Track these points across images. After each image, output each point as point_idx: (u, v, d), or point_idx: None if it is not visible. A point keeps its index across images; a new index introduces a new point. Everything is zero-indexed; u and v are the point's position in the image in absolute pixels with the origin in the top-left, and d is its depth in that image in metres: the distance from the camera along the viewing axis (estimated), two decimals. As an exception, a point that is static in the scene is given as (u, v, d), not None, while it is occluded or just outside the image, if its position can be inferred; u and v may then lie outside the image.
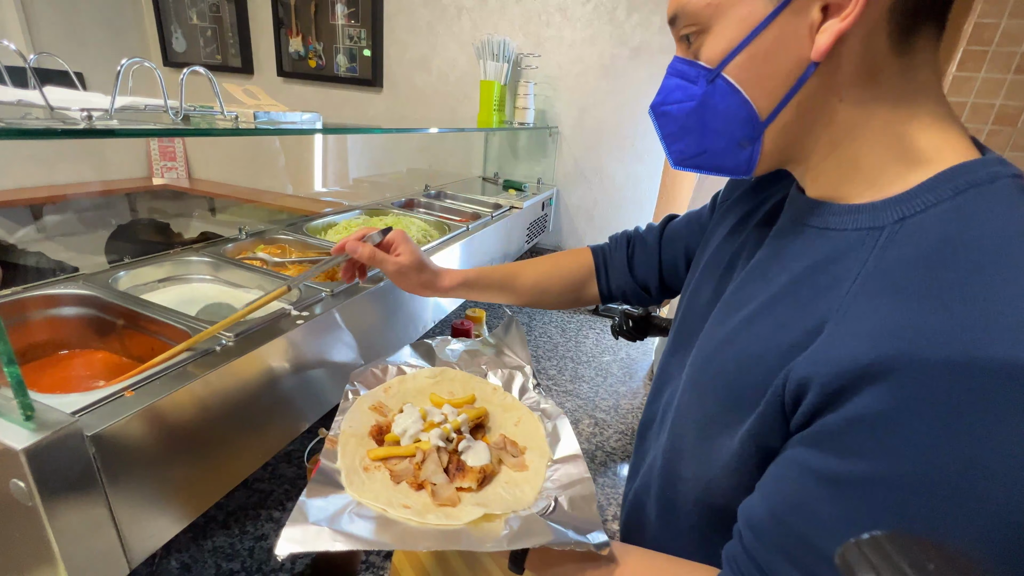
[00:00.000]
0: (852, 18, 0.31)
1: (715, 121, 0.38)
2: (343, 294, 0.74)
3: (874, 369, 0.28)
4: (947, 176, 0.32)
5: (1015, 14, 1.32)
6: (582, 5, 1.69)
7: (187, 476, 0.50)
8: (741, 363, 0.38)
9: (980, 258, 0.29)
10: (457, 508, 0.45)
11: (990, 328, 0.27)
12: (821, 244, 0.36)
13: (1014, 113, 1.39)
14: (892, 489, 0.29)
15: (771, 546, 0.33)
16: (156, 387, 0.47)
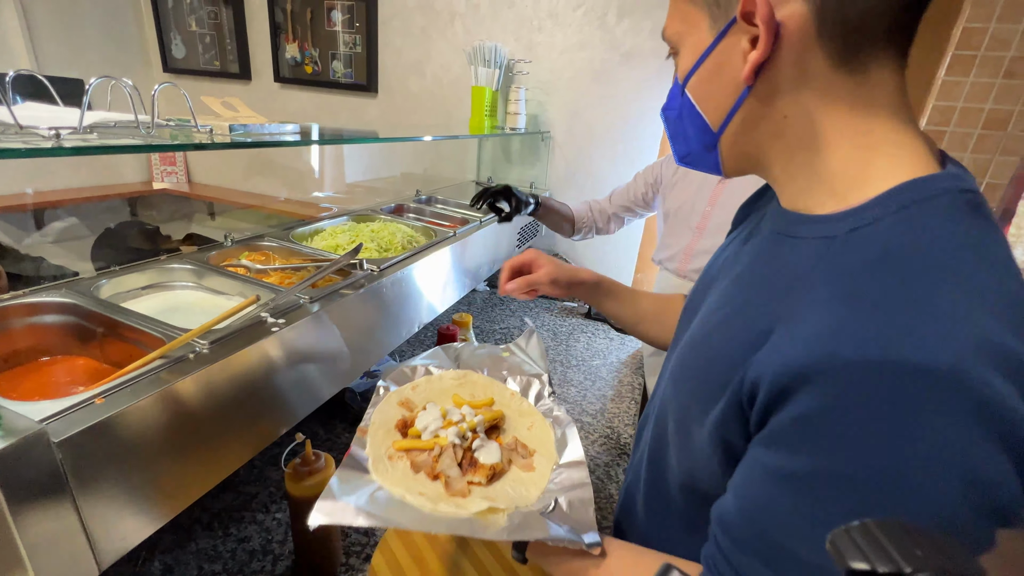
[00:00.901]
0: (763, 50, 0.35)
1: (688, 128, 0.44)
2: (323, 300, 0.76)
3: (808, 371, 0.31)
4: (897, 191, 0.34)
5: (1004, 18, 1.32)
6: (573, 11, 1.70)
7: (158, 480, 0.52)
8: (709, 359, 0.42)
9: (910, 269, 0.31)
10: (467, 499, 0.50)
11: (910, 333, 0.29)
12: (787, 251, 0.40)
13: (1003, 117, 1.39)
14: (835, 482, 0.31)
15: (741, 543, 0.36)
16: (127, 394, 0.48)
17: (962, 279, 0.30)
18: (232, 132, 0.59)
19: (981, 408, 0.28)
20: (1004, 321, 0.29)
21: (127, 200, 2.43)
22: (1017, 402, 0.28)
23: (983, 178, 1.45)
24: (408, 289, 0.99)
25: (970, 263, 0.31)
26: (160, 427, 0.51)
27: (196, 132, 0.56)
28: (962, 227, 0.32)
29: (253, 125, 0.64)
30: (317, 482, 0.70)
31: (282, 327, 0.65)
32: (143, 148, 0.42)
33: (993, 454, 0.28)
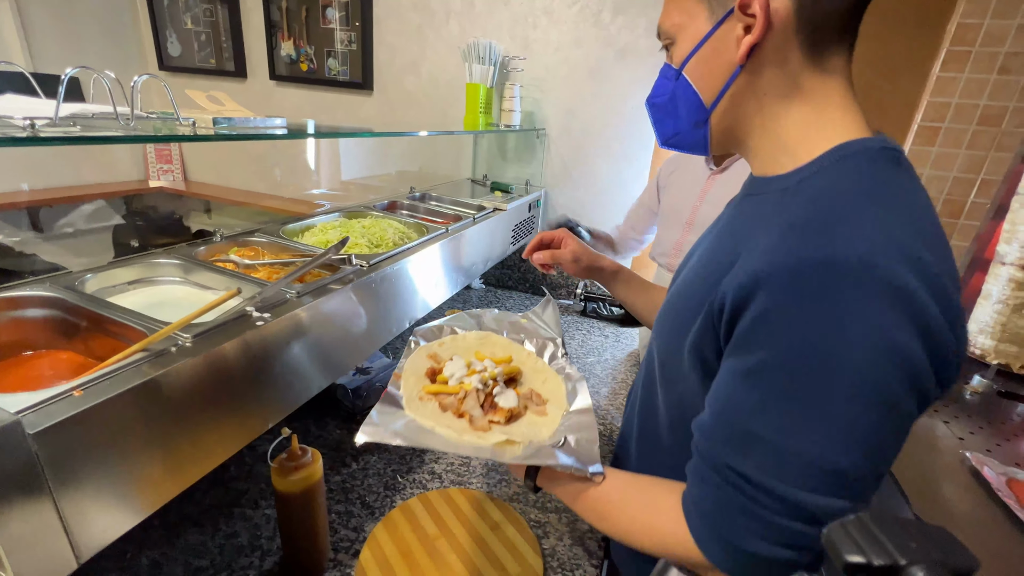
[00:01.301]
0: (757, 33, 0.43)
1: (680, 108, 0.51)
2: (310, 295, 0.75)
3: (761, 277, 0.39)
4: (836, 148, 0.44)
5: (998, 14, 1.32)
6: (568, 8, 1.70)
7: (139, 474, 0.51)
8: (685, 295, 0.50)
9: (839, 198, 0.40)
10: (487, 433, 0.58)
11: (834, 238, 0.37)
12: (753, 206, 0.49)
13: (998, 113, 1.39)
14: (782, 368, 0.38)
15: (716, 440, 0.43)
16: (106, 386, 0.48)
17: (879, 204, 0.38)
18: (216, 125, 0.59)
19: (894, 293, 0.35)
20: (914, 235, 0.37)
21: (123, 198, 2.43)
22: (926, 297, 0.35)
23: (978, 174, 1.45)
24: (399, 285, 0.99)
25: (886, 194, 0.39)
26: (140, 420, 0.50)
27: (179, 125, 0.56)
28: (882, 170, 0.41)
29: (239, 118, 0.64)
30: (303, 476, 0.70)
31: (267, 321, 0.64)
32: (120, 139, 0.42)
33: (906, 331, 0.35)
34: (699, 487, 0.45)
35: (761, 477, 0.40)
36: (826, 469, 0.37)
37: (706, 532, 0.44)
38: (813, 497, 0.38)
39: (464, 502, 0.90)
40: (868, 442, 0.37)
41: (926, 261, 0.36)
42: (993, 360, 1.21)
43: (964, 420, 1.12)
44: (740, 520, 0.41)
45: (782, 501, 0.39)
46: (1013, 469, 0.92)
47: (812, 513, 0.38)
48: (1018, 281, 1.17)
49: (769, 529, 0.40)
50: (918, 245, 0.36)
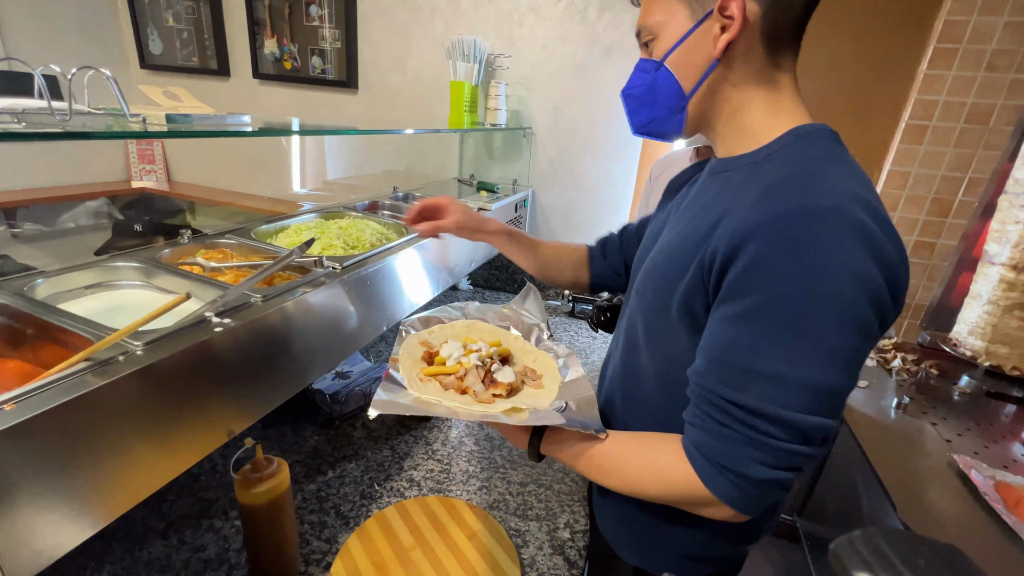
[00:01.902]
0: (735, 31, 0.50)
1: (659, 96, 0.57)
2: (277, 299, 0.72)
3: (750, 229, 0.44)
4: (793, 131, 0.52)
5: (985, 11, 1.31)
6: (553, 5, 1.67)
7: (82, 490, 0.48)
8: (670, 256, 0.56)
9: (806, 163, 0.48)
10: (494, 404, 0.60)
11: (808, 191, 0.44)
12: (724, 180, 0.55)
13: (986, 111, 1.38)
14: (778, 305, 0.43)
15: (712, 381, 0.47)
16: (41, 399, 0.45)
17: (837, 167, 0.47)
18: (170, 122, 0.56)
19: (859, 232, 0.42)
20: (865, 188, 0.45)
21: (106, 199, 2.38)
22: (882, 236, 0.43)
23: (965, 173, 1.44)
24: (376, 287, 0.96)
25: (838, 161, 0.48)
26: (81, 434, 0.47)
27: (129, 122, 0.53)
28: (831, 146, 0.50)
29: (197, 115, 0.61)
30: (269, 488, 0.67)
31: (227, 327, 0.62)
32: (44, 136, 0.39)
33: (871, 264, 0.42)
34: (698, 428, 0.49)
35: (762, 406, 0.44)
36: (821, 390, 0.43)
37: (711, 468, 0.48)
38: (810, 418, 0.43)
39: (442, 511, 0.87)
40: (851, 362, 0.43)
41: (877, 207, 0.44)
42: (985, 362, 1.19)
43: (952, 421, 1.11)
44: (743, 450, 0.46)
45: (783, 425, 0.44)
46: (1002, 472, 0.90)
47: (806, 432, 0.44)
48: (1009, 281, 1.16)
49: (770, 454, 0.45)
50: (868, 195, 0.45)
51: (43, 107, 0.46)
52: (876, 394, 1.19)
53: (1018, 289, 1.16)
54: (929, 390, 1.23)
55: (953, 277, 1.39)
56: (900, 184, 1.49)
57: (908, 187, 1.49)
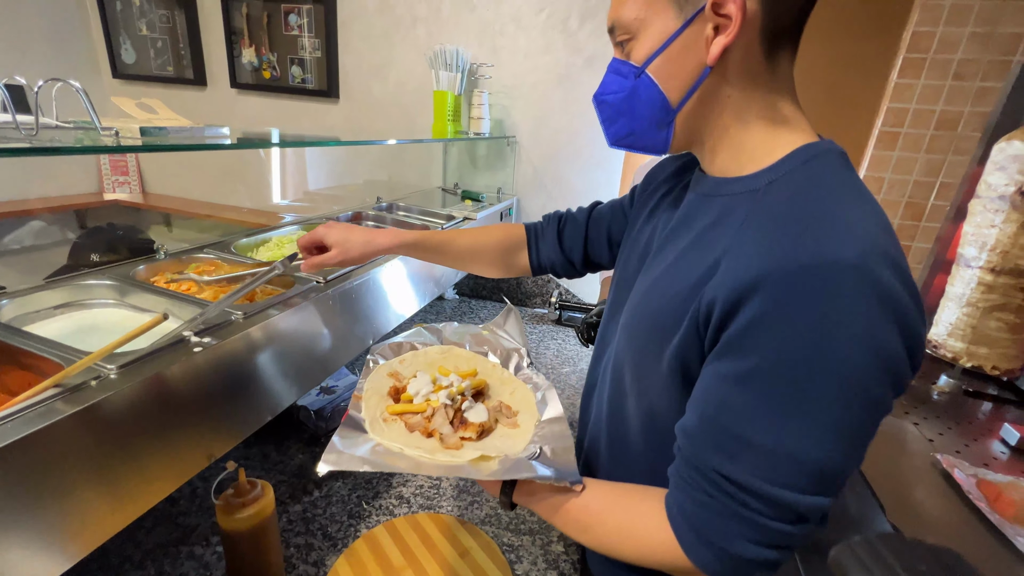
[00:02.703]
0: (733, 34, 0.42)
1: (640, 107, 0.48)
2: (259, 315, 0.70)
3: (755, 282, 0.38)
4: (797, 153, 0.45)
5: (950, 22, 1.35)
6: (535, 15, 1.68)
7: (51, 525, 0.46)
8: (663, 300, 0.49)
9: (817, 200, 0.41)
10: (460, 451, 0.55)
11: (825, 241, 0.37)
12: (718, 206, 0.48)
13: (954, 118, 1.42)
14: (780, 372, 0.38)
15: (702, 444, 0.43)
16: (8, 429, 0.42)
17: (852, 205, 0.40)
18: (144, 135, 0.54)
19: (881, 295, 0.36)
20: (885, 234, 0.39)
21: (75, 212, 2.30)
22: (903, 294, 0.37)
23: (937, 177, 1.48)
24: (361, 300, 0.95)
25: (855, 195, 0.41)
26: (51, 465, 0.45)
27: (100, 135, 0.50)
28: (844, 173, 0.43)
29: (173, 128, 0.59)
30: (253, 513, 0.64)
31: (207, 347, 0.59)
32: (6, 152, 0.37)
33: (892, 332, 0.37)
34: (684, 491, 0.44)
35: (752, 481, 0.40)
36: (819, 469, 0.38)
37: (693, 537, 0.43)
38: (804, 497, 0.39)
39: (433, 528, 0.85)
40: (857, 440, 0.39)
41: (899, 260, 0.38)
42: (967, 363, 1.22)
43: (933, 421, 1.13)
44: (729, 524, 0.41)
45: (774, 504, 0.40)
46: (982, 470, 0.92)
47: (801, 513, 0.40)
48: (988, 284, 1.19)
49: (759, 532, 0.41)
50: (890, 244, 0.38)
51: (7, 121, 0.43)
52: (860, 396, 1.21)
53: (996, 291, 1.19)
54: (910, 390, 1.26)
55: (928, 279, 1.43)
56: (875, 189, 1.53)
57: (883, 192, 1.53)
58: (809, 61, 1.54)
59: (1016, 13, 1.30)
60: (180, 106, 2.28)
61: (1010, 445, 1.03)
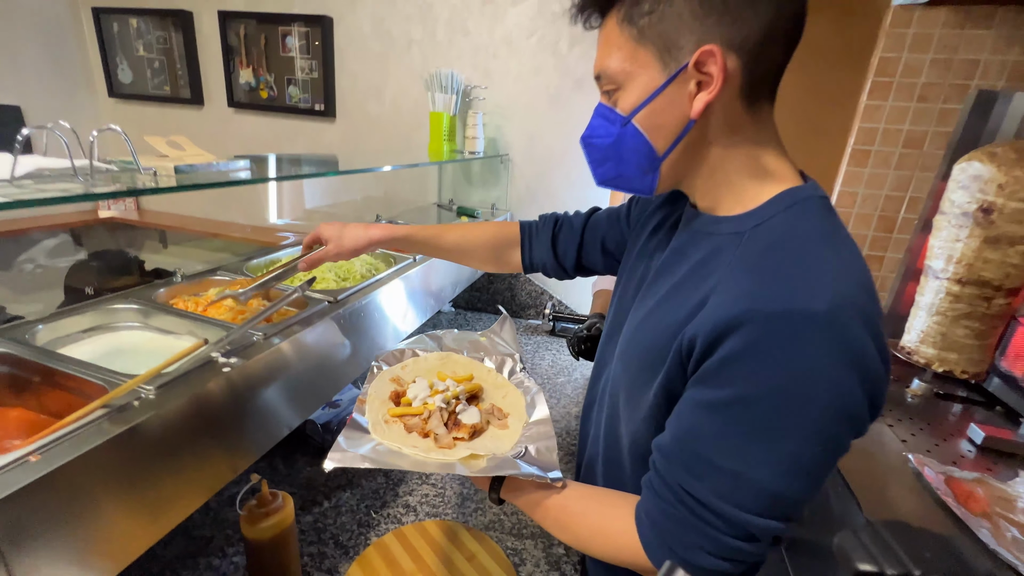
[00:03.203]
0: (715, 92, 0.45)
1: (627, 154, 0.51)
2: (278, 335, 0.75)
3: (735, 322, 0.42)
4: (781, 197, 0.48)
5: (913, 49, 1.45)
6: (527, 39, 1.76)
7: (101, 536, 0.50)
8: (655, 333, 0.52)
9: (796, 249, 0.44)
10: (453, 450, 0.60)
11: (799, 291, 0.41)
12: (707, 244, 0.52)
13: (920, 137, 1.52)
14: (748, 405, 0.42)
15: (673, 460, 0.47)
16: (65, 448, 0.46)
17: (830, 255, 0.43)
18: (178, 173, 0.58)
19: (847, 347, 0.40)
20: (858, 286, 0.42)
21: (70, 231, 2.31)
22: (870, 347, 0.40)
23: (906, 192, 1.58)
24: (368, 318, 0.99)
25: (833, 245, 0.44)
26: (103, 481, 0.49)
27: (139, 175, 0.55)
28: (825, 220, 0.46)
29: (201, 164, 0.63)
30: (275, 523, 0.68)
31: (234, 367, 0.64)
32: (79, 198, 0.41)
33: (855, 384, 0.40)
34: (653, 501, 0.49)
35: (713, 500, 0.44)
36: (775, 495, 0.43)
37: (656, 541, 0.48)
38: (758, 519, 0.43)
39: (440, 534, 0.90)
40: (812, 473, 0.43)
41: (870, 312, 0.41)
42: (939, 368, 1.30)
43: (906, 423, 1.20)
44: (689, 536, 0.46)
45: (729, 522, 0.44)
46: (951, 468, 0.99)
47: (753, 533, 0.44)
48: (955, 294, 1.27)
49: (715, 545, 0.45)
50: (864, 297, 0.42)
51: (66, 167, 0.48)
52: (839, 400, 1.28)
53: (963, 301, 1.27)
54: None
55: (901, 288, 1.52)
56: (850, 203, 1.62)
57: (857, 206, 1.62)
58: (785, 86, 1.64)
59: (972, 41, 1.41)
60: (177, 125, 2.32)
61: (976, 444, 1.10)
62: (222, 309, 0.81)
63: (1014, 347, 1.28)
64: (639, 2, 0.46)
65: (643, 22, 0.46)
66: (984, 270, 1.23)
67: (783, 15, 0.45)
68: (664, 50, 0.46)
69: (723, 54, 0.43)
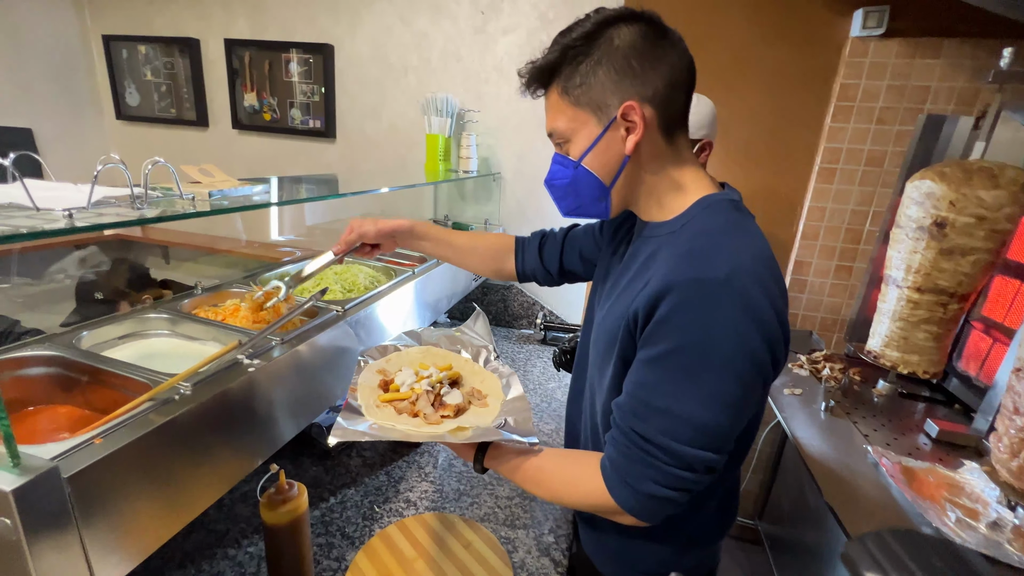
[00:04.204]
0: (640, 133, 0.60)
1: (583, 188, 0.65)
2: (293, 341, 0.83)
3: (663, 292, 0.55)
4: (697, 203, 0.63)
5: (871, 76, 1.59)
6: (516, 65, 1.87)
7: (149, 511, 0.57)
8: (614, 317, 0.65)
9: (708, 237, 0.58)
10: (440, 425, 0.69)
11: (708, 264, 0.55)
12: (650, 245, 0.66)
13: (880, 156, 1.65)
14: (676, 354, 0.55)
15: (627, 413, 0.59)
16: (122, 434, 0.54)
17: (733, 239, 0.57)
18: (211, 198, 0.67)
19: (746, 304, 0.53)
20: (752, 259, 0.56)
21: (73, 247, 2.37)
22: (766, 305, 0.54)
23: (869, 207, 1.70)
24: (371, 326, 1.08)
25: (736, 232, 0.59)
26: (150, 462, 0.57)
27: (181, 201, 0.64)
28: (731, 216, 0.61)
29: (229, 190, 0.73)
30: (291, 509, 0.76)
31: (257, 368, 0.72)
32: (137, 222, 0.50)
33: (754, 331, 0.53)
34: (613, 447, 0.61)
35: (656, 436, 0.56)
36: (703, 427, 0.55)
37: (616, 479, 0.60)
38: (694, 451, 0.55)
39: (439, 525, 0.97)
40: (731, 405, 0.55)
41: (764, 278, 0.55)
42: (904, 369, 1.39)
43: (870, 420, 1.30)
44: (641, 470, 0.58)
45: (670, 454, 0.56)
46: (906, 458, 1.08)
47: (690, 462, 0.56)
48: (915, 301, 1.37)
49: (661, 475, 0.57)
50: (761, 269, 0.55)
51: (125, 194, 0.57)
52: (808, 399, 1.38)
53: (922, 307, 1.37)
54: (852, 394, 1.43)
55: (866, 295, 1.62)
56: (819, 217, 1.74)
57: (826, 219, 1.73)
58: (754, 108, 1.76)
59: (923, 69, 1.54)
60: (182, 146, 2.41)
61: (931, 437, 1.20)
62: (240, 318, 0.89)
63: (968, 349, 1.39)
64: (572, 77, 0.60)
65: (577, 92, 0.60)
66: (940, 279, 1.34)
67: (677, 68, 0.59)
68: (596, 109, 0.60)
69: (640, 105, 0.58)
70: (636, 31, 0.58)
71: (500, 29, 1.87)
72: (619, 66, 0.58)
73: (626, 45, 0.58)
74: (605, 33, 0.59)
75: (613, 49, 0.58)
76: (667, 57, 0.59)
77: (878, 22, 1.51)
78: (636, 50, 0.58)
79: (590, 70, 0.59)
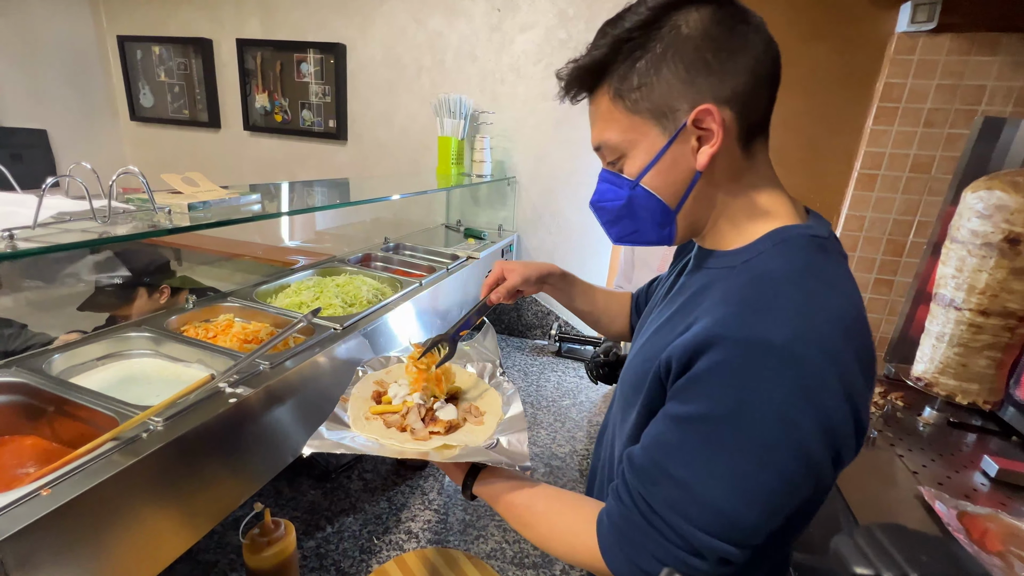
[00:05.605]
0: (717, 144, 0.47)
1: (641, 212, 0.54)
2: (284, 364, 0.76)
3: (704, 344, 0.44)
4: (769, 235, 0.50)
5: (919, 75, 1.46)
6: (534, 64, 1.80)
7: (109, 564, 0.51)
8: (645, 357, 0.54)
9: (770, 283, 0.46)
10: (428, 442, 0.63)
11: (764, 323, 0.43)
12: (704, 277, 0.54)
13: (927, 161, 1.52)
14: (706, 421, 0.44)
15: (637, 470, 0.49)
16: (75, 482, 0.48)
17: (804, 291, 0.45)
18: (191, 210, 0.61)
19: (805, 386, 0.41)
20: (834, 324, 0.43)
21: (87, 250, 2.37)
22: (836, 387, 0.41)
23: (914, 216, 1.57)
24: (374, 343, 1.01)
25: (812, 281, 0.46)
26: (112, 512, 0.50)
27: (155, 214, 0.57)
28: (811, 258, 0.48)
29: (215, 200, 0.66)
30: (277, 551, 0.69)
31: (240, 397, 0.65)
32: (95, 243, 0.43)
33: (810, 423, 0.41)
34: (615, 504, 0.51)
35: (664, 508, 0.46)
36: (720, 513, 0.43)
37: (612, 540, 0.50)
38: (707, 538, 0.44)
39: (442, 563, 0.90)
40: (763, 502, 0.43)
41: (841, 353, 0.42)
42: (963, 400, 1.26)
43: (918, 453, 1.18)
44: (643, 540, 0.47)
45: (677, 533, 0.45)
46: (963, 502, 0.96)
47: (699, 549, 0.44)
48: (978, 325, 1.24)
49: (663, 554, 0.46)
50: (837, 336, 0.42)
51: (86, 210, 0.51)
52: (848, 428, 1.26)
53: (986, 332, 1.24)
54: (896, 422, 1.31)
55: (911, 312, 1.50)
56: (857, 227, 1.61)
57: (864, 229, 1.61)
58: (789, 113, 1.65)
59: (978, 67, 1.41)
60: (194, 147, 2.39)
61: (990, 477, 1.08)
62: (231, 338, 0.83)
63: (1028, 375, 1.25)
64: (627, 78, 0.48)
65: (635, 95, 0.48)
66: (1010, 300, 1.20)
67: (762, 61, 0.47)
68: (660, 116, 0.48)
69: (718, 109, 0.46)
70: (708, 15, 0.46)
71: (517, 27, 1.79)
72: (689, 61, 0.46)
73: (697, 34, 0.46)
74: (669, 19, 0.47)
75: (681, 39, 0.46)
76: (749, 47, 0.47)
77: (929, 16, 1.38)
78: (710, 39, 0.46)
79: (651, 68, 0.47)
